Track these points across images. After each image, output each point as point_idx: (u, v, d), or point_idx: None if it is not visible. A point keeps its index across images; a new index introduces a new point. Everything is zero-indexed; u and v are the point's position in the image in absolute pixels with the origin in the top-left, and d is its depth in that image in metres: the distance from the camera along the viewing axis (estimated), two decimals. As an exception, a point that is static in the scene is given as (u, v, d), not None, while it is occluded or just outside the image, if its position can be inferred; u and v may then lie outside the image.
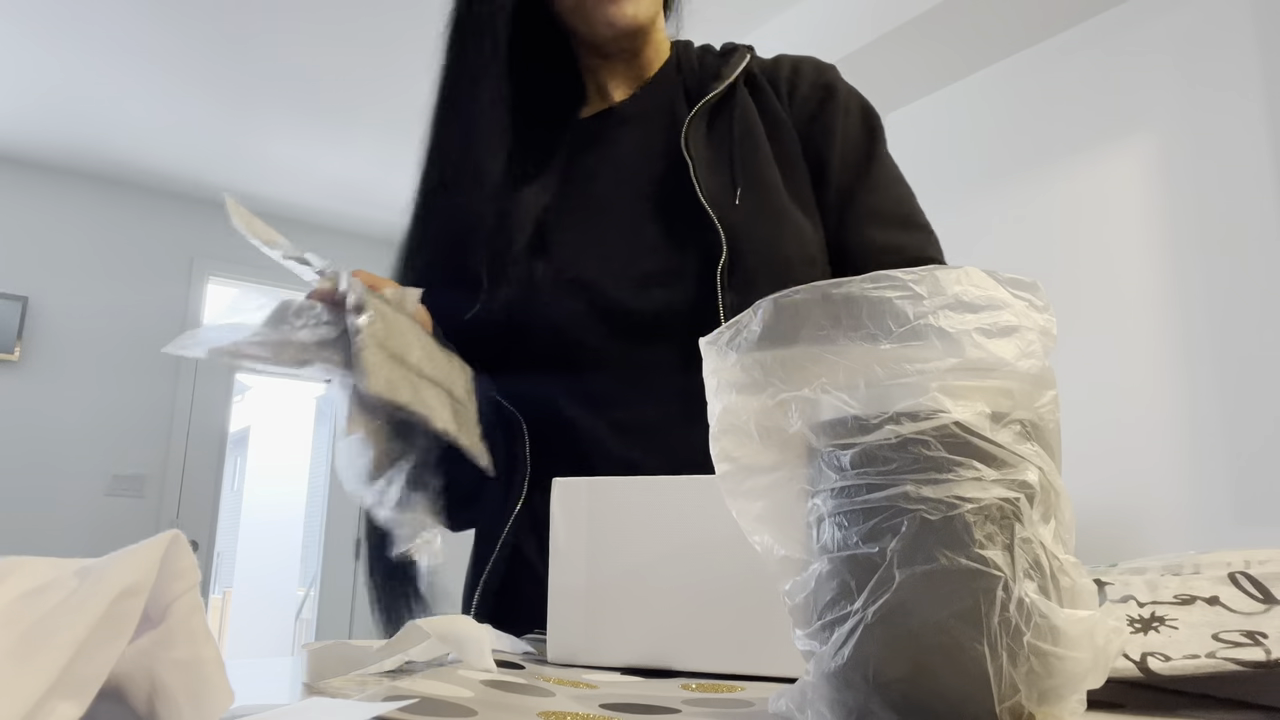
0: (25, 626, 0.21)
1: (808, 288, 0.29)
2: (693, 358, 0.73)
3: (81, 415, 3.87)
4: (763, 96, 0.83)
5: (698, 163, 0.76)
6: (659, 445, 0.73)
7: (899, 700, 0.26)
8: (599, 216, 0.80)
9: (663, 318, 0.75)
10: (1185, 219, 2.16)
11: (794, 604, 0.29)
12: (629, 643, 0.45)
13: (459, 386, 0.68)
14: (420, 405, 0.61)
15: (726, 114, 0.80)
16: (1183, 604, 0.37)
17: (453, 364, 0.70)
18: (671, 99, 0.85)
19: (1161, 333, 2.17)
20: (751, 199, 0.76)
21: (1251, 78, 2.08)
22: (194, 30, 2.95)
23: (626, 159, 0.83)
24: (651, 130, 0.83)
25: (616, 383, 0.75)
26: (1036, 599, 0.25)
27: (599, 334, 0.76)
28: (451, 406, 0.65)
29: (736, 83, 0.81)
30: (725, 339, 0.31)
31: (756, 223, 0.74)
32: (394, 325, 0.62)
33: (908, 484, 0.26)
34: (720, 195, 0.75)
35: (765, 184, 0.77)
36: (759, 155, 0.78)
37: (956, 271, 0.28)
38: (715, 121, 0.80)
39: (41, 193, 3.93)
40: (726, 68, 0.82)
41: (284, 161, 3.91)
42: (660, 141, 0.81)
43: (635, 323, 0.75)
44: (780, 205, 0.76)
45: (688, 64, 0.87)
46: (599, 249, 0.78)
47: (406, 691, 0.32)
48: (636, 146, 0.83)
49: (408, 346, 0.63)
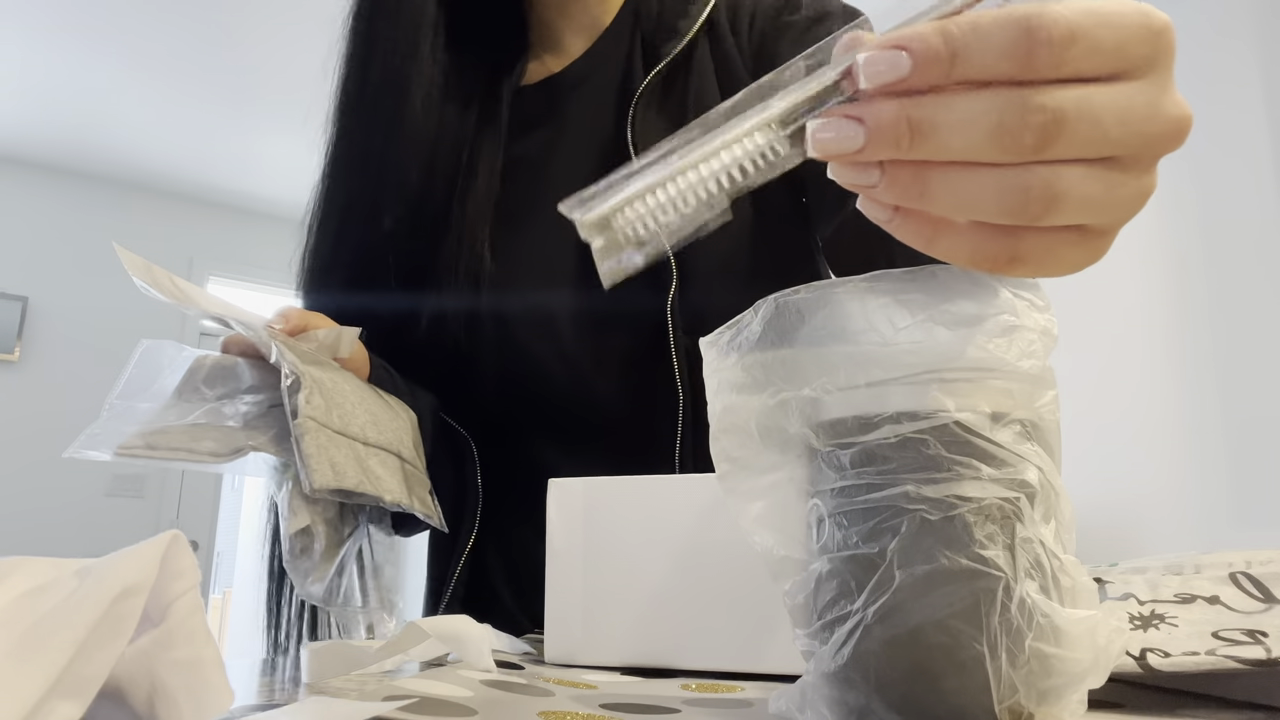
0: (25, 626, 0.21)
1: (808, 287, 0.29)
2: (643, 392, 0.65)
3: (81, 415, 3.86)
4: (723, 50, 0.69)
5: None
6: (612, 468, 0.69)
7: (899, 700, 0.26)
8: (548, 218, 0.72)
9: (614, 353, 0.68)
10: (1185, 219, 2.16)
11: (794, 604, 0.29)
12: (628, 642, 0.45)
13: (407, 444, 0.60)
14: (369, 484, 0.53)
15: (681, 83, 0.69)
16: (1183, 603, 0.37)
17: (398, 418, 0.61)
18: (627, 56, 0.72)
19: (1161, 333, 2.17)
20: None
21: (1251, 78, 2.08)
22: (194, 30, 2.96)
23: (573, 142, 0.72)
24: (602, 102, 0.72)
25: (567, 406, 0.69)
26: (1038, 599, 0.25)
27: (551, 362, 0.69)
28: (402, 470, 0.58)
29: (696, 39, 0.68)
30: (726, 339, 0.31)
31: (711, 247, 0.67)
32: (333, 395, 0.53)
33: (908, 484, 0.26)
34: None
35: None
36: None
37: (957, 271, 0.28)
38: (670, 93, 0.68)
39: (41, 193, 3.93)
40: (685, 20, 0.69)
41: (284, 161, 3.91)
42: (610, 115, 0.71)
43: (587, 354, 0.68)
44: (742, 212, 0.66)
45: (645, 9, 0.73)
46: (548, 265, 0.69)
47: (406, 691, 0.32)
48: (585, 124, 0.72)
49: (349, 416, 0.54)
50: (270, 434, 0.51)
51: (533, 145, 0.73)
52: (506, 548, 0.72)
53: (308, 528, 0.52)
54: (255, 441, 0.50)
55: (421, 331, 0.70)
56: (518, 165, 0.73)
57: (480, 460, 0.71)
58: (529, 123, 0.74)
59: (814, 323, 0.28)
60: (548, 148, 0.73)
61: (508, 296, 0.69)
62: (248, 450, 0.50)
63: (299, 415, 0.49)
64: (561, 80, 0.75)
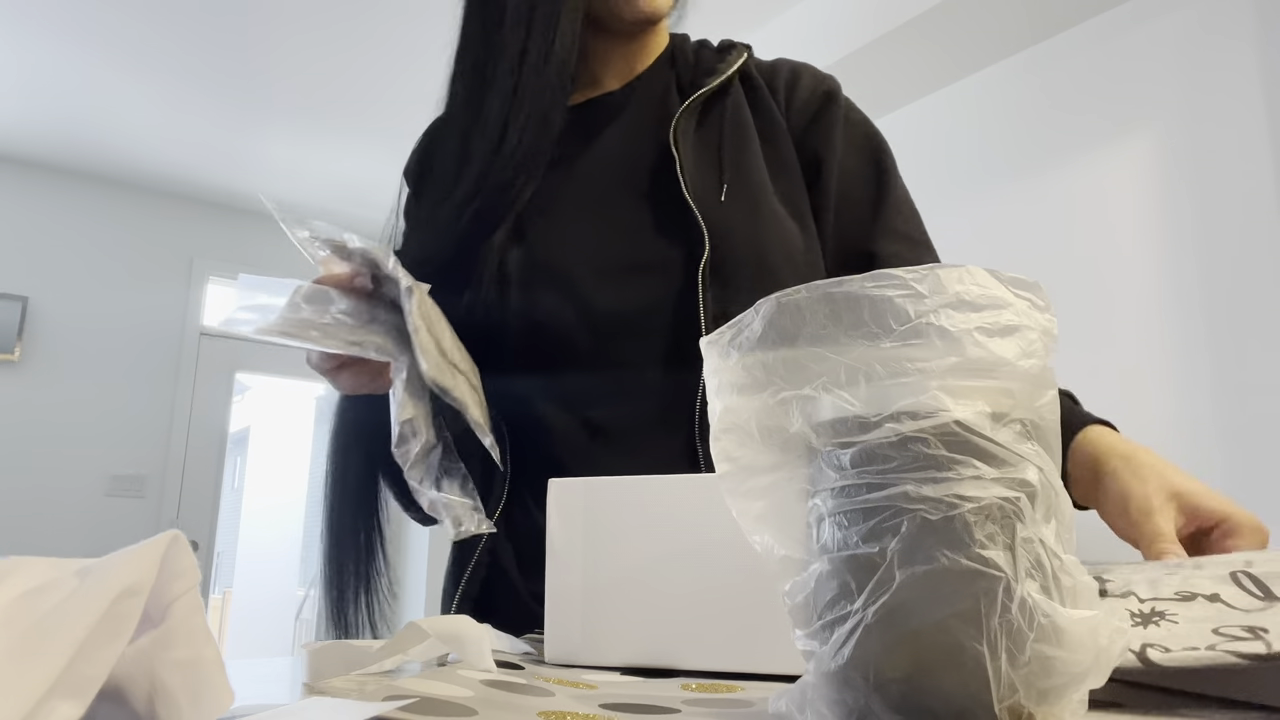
0: (25, 626, 0.21)
1: (809, 286, 0.29)
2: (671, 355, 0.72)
3: (81, 415, 3.87)
4: (758, 96, 0.81)
5: (684, 158, 0.75)
6: (631, 447, 0.72)
7: (899, 700, 0.26)
8: (580, 208, 0.78)
9: (641, 313, 0.73)
10: (1185, 219, 2.16)
11: (794, 604, 0.29)
12: (627, 642, 0.45)
13: (477, 379, 0.67)
14: (460, 393, 0.60)
15: (718, 110, 0.79)
16: (1183, 600, 0.37)
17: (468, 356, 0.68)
18: (663, 91, 0.83)
19: (1161, 333, 2.17)
20: (738, 197, 0.74)
21: (1251, 78, 2.08)
22: (194, 31, 2.95)
23: (613, 150, 0.81)
24: (641, 122, 0.82)
25: (591, 380, 0.74)
26: (1039, 599, 0.25)
27: (574, 328, 0.74)
28: (476, 399, 0.64)
29: (731, 79, 0.80)
30: (727, 339, 0.31)
31: (741, 221, 0.73)
32: (430, 311, 0.61)
33: (908, 483, 0.26)
34: (705, 192, 0.74)
35: (753, 183, 0.75)
36: (748, 154, 0.77)
37: (958, 270, 0.28)
38: (706, 117, 0.79)
39: (41, 193, 3.93)
40: (723, 64, 0.81)
41: (284, 161, 3.91)
42: (649, 134, 0.80)
43: (613, 317, 0.73)
44: (767, 205, 0.75)
45: (682, 57, 0.85)
46: (578, 241, 0.76)
47: (406, 691, 0.32)
48: (624, 138, 0.81)
49: (441, 333, 0.62)
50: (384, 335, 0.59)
51: (567, 152, 0.80)
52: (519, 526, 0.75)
53: (412, 419, 0.58)
54: (376, 337, 0.58)
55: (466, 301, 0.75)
56: (554, 166, 0.79)
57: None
58: (571, 131, 0.80)
59: (814, 322, 0.28)
60: (581, 153, 0.81)
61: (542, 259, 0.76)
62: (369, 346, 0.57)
63: (413, 313, 0.57)
64: (601, 102, 0.84)
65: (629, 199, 0.77)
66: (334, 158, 3.85)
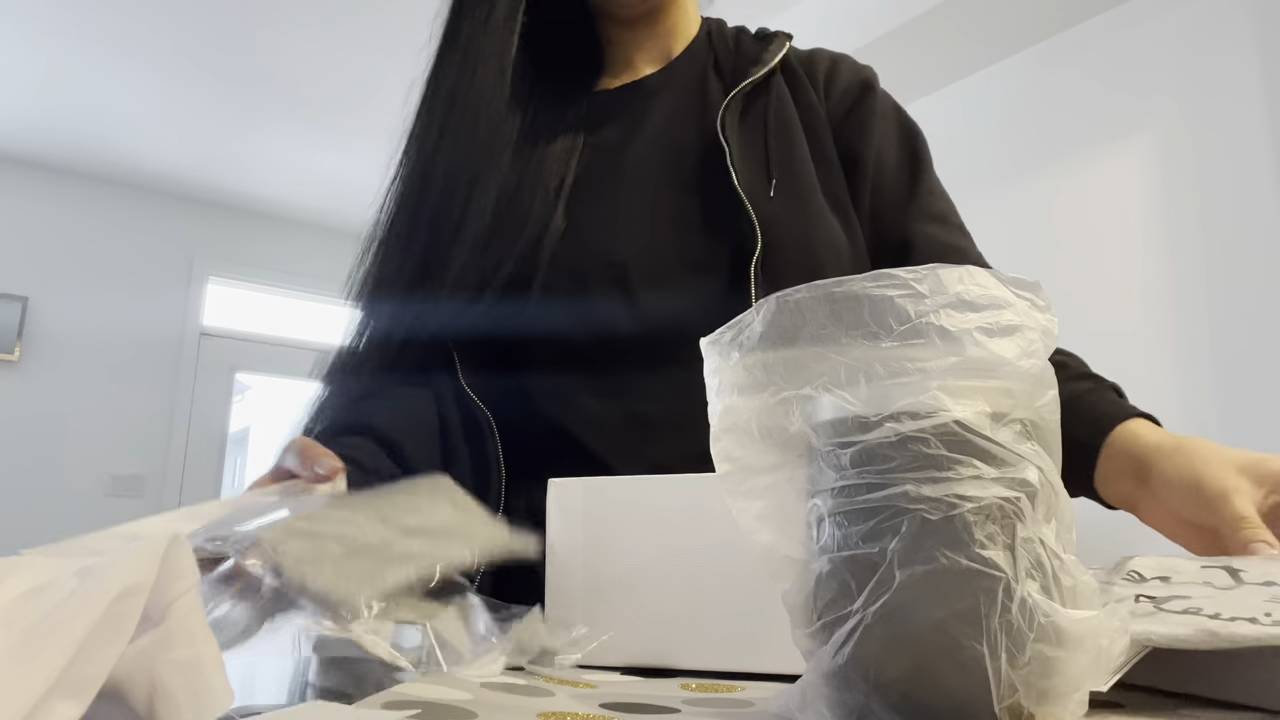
0: (25, 626, 0.21)
1: (809, 286, 0.29)
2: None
3: (81, 415, 3.87)
4: (799, 86, 0.80)
5: (733, 150, 0.73)
6: (679, 440, 0.69)
7: (899, 700, 0.26)
8: (629, 191, 0.77)
9: (693, 313, 0.71)
10: (1186, 218, 2.16)
11: (794, 604, 0.29)
12: (627, 642, 0.45)
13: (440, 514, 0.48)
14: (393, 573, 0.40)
15: (762, 102, 0.78)
16: (1186, 584, 0.37)
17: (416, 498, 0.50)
18: (702, 76, 0.82)
19: (1161, 332, 2.17)
20: (786, 193, 0.73)
21: (1251, 78, 2.08)
22: (194, 30, 2.96)
23: (657, 133, 0.79)
24: (681, 106, 0.80)
25: (638, 371, 0.71)
26: (1039, 599, 0.25)
27: (624, 317, 0.72)
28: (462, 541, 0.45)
29: (774, 70, 0.79)
30: (727, 339, 0.31)
31: (791, 218, 0.72)
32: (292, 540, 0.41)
33: (908, 483, 0.26)
34: (755, 186, 0.72)
35: (800, 180, 0.74)
36: (795, 149, 0.76)
37: (959, 270, 0.28)
38: (750, 108, 0.77)
39: (41, 193, 3.93)
40: (766, 53, 0.79)
41: (284, 161, 3.91)
42: (691, 119, 0.79)
43: (665, 317, 0.71)
44: (815, 203, 0.74)
45: (720, 42, 0.84)
46: (628, 233, 0.74)
47: (406, 698, 0.32)
48: (667, 121, 0.80)
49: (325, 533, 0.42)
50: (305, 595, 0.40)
51: (610, 135, 0.80)
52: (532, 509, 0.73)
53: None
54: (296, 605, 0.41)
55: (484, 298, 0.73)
56: (594, 151, 0.79)
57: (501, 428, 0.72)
58: (605, 118, 0.81)
59: (815, 322, 0.28)
60: (624, 137, 0.80)
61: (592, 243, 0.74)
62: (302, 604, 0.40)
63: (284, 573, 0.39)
64: (640, 86, 0.83)
65: (675, 189, 0.76)
66: (334, 158, 3.85)
